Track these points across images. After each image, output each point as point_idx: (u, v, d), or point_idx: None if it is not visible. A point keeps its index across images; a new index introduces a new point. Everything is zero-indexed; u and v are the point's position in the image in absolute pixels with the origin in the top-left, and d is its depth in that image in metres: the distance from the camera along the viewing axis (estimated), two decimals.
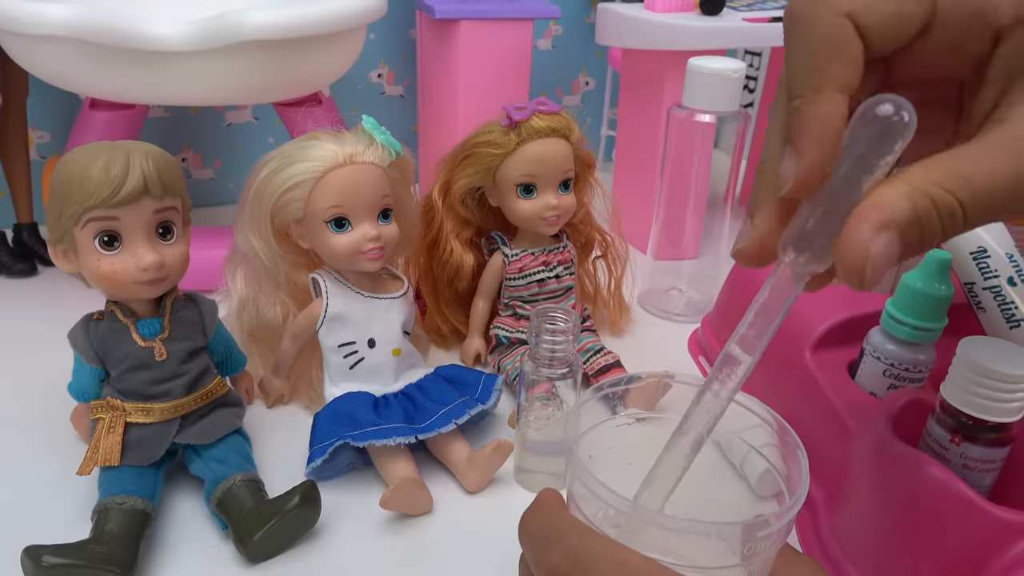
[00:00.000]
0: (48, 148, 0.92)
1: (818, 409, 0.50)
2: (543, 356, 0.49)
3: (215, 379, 0.52)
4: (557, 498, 0.35)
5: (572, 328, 0.49)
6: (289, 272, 0.57)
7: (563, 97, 1.18)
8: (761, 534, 0.31)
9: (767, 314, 0.31)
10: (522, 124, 0.58)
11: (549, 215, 0.60)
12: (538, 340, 0.49)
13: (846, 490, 0.46)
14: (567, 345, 0.49)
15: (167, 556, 0.46)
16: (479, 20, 0.85)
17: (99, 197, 0.44)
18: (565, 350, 0.49)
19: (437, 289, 0.68)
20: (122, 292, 0.47)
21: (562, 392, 0.50)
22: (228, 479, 0.47)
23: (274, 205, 0.53)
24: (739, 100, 0.68)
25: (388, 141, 0.54)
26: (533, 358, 0.50)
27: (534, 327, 0.49)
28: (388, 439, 0.49)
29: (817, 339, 0.52)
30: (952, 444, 0.40)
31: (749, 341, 0.31)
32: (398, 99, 1.08)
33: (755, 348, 0.31)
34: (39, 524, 0.48)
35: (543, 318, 0.49)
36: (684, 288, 0.79)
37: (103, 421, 0.48)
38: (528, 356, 0.50)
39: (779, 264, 0.30)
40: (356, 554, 0.47)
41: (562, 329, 0.49)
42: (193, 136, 0.99)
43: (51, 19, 0.61)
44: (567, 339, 0.49)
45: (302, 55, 0.69)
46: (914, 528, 0.40)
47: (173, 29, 0.63)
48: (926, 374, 0.48)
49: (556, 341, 0.49)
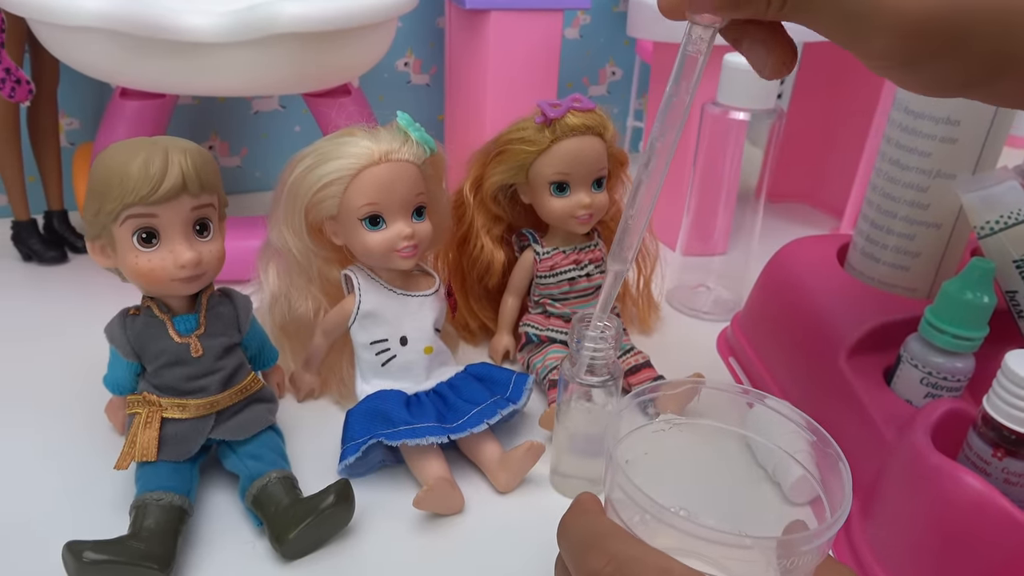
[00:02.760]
0: (78, 135, 0.93)
1: (853, 416, 0.50)
2: (584, 362, 0.49)
3: (249, 375, 0.52)
4: (596, 502, 0.35)
5: (614, 335, 0.48)
6: (322, 267, 0.57)
7: (589, 87, 1.18)
8: (804, 548, 0.31)
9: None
10: (557, 121, 0.58)
11: (582, 213, 0.60)
12: (579, 346, 0.48)
13: (880, 498, 0.46)
14: (608, 352, 0.48)
15: (202, 551, 0.47)
16: (509, 10, 0.85)
17: (138, 194, 0.44)
18: (606, 357, 0.48)
19: (466, 285, 0.68)
20: (159, 288, 0.48)
21: (598, 399, 0.50)
22: (263, 476, 0.48)
23: (309, 201, 0.53)
24: (774, 97, 0.68)
25: (423, 138, 0.54)
26: (573, 363, 0.49)
27: (576, 333, 0.48)
28: (421, 439, 0.49)
29: (852, 345, 0.52)
30: (994, 458, 0.39)
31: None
32: (424, 88, 1.07)
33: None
34: (76, 517, 0.49)
35: (585, 324, 0.48)
36: (712, 285, 0.79)
37: (139, 416, 0.48)
38: (568, 360, 0.50)
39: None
40: (388, 552, 0.47)
41: (604, 336, 0.48)
42: (220, 124, 0.99)
43: (86, 10, 0.61)
44: (609, 346, 0.48)
45: (335, 47, 0.69)
46: (951, 541, 0.40)
47: (207, 20, 0.62)
48: (964, 383, 0.47)
49: (598, 348, 0.48)
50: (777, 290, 0.61)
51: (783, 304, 0.58)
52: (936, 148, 0.49)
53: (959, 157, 0.49)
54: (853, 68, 0.89)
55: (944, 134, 0.49)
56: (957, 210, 0.50)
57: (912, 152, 0.50)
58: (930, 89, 0.32)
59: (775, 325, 0.59)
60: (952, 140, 0.48)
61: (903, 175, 0.51)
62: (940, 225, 0.51)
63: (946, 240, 0.52)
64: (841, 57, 0.93)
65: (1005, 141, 0.49)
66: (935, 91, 0.32)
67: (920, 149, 0.50)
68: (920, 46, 0.30)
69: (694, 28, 0.36)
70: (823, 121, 0.97)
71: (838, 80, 0.93)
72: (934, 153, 0.49)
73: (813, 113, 0.98)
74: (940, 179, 0.50)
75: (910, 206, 0.51)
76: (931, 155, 0.49)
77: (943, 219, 0.51)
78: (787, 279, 0.58)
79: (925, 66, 0.31)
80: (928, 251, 0.52)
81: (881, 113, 0.85)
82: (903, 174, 0.51)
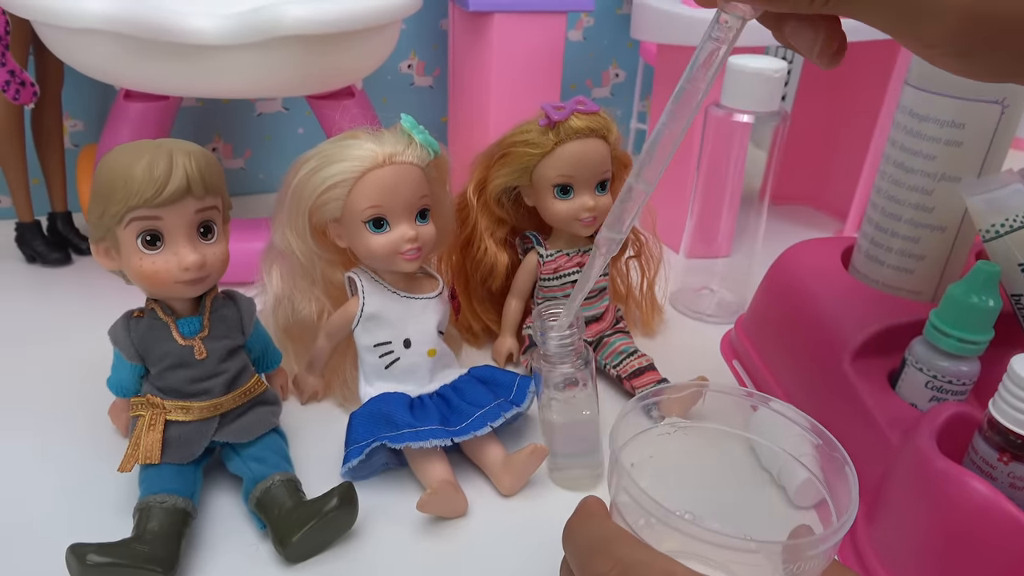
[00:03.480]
0: (82, 137, 0.93)
1: (857, 419, 0.49)
2: (553, 353, 0.49)
3: (253, 377, 0.52)
4: (601, 506, 0.35)
5: (575, 321, 0.48)
6: (325, 270, 0.57)
7: (593, 89, 1.18)
8: (810, 553, 0.31)
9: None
10: (560, 124, 0.58)
11: (585, 216, 0.60)
12: (545, 339, 0.48)
13: (885, 502, 0.46)
14: (574, 338, 0.48)
15: (206, 554, 0.47)
16: (513, 12, 0.85)
17: (143, 197, 0.44)
18: (573, 342, 0.49)
19: (470, 287, 0.68)
20: (164, 291, 0.48)
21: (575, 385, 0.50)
22: (267, 479, 0.48)
23: (312, 204, 0.53)
24: (779, 100, 0.68)
25: (427, 141, 0.54)
26: (545, 358, 0.50)
27: (538, 327, 0.48)
28: (425, 441, 0.49)
29: (857, 348, 0.52)
30: (1000, 463, 0.39)
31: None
32: (427, 90, 1.07)
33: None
34: (80, 519, 0.49)
35: (545, 316, 0.49)
36: (715, 288, 0.79)
37: (143, 418, 0.48)
38: (540, 358, 0.50)
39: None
40: (392, 555, 0.47)
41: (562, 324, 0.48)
42: (223, 126, 0.99)
43: (91, 13, 0.62)
44: (573, 332, 0.48)
45: (339, 49, 0.69)
46: (957, 545, 0.40)
47: (212, 23, 0.62)
48: (969, 387, 0.47)
49: (563, 336, 0.48)
50: (781, 293, 0.60)
51: (787, 307, 0.58)
52: (941, 151, 0.49)
53: (964, 160, 0.49)
54: (857, 70, 0.89)
55: (949, 137, 0.48)
56: (962, 213, 0.50)
57: (917, 155, 0.50)
58: (985, 75, 0.32)
59: (779, 328, 0.59)
60: (957, 143, 0.48)
61: (908, 178, 0.51)
62: (945, 228, 0.51)
63: (951, 243, 0.52)
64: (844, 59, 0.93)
65: (1010, 144, 0.49)
66: (990, 77, 0.32)
67: (925, 152, 0.50)
68: (975, 32, 0.29)
69: (724, 15, 0.34)
70: (827, 123, 0.97)
71: (842, 82, 0.93)
72: (939, 156, 0.49)
73: (817, 115, 0.98)
74: (945, 182, 0.50)
75: (915, 209, 0.51)
76: (936, 158, 0.49)
77: (948, 222, 0.51)
78: (791, 282, 0.58)
79: (980, 53, 0.30)
80: (933, 254, 0.52)
81: (885, 115, 0.85)
82: (908, 177, 0.51)
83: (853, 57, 0.33)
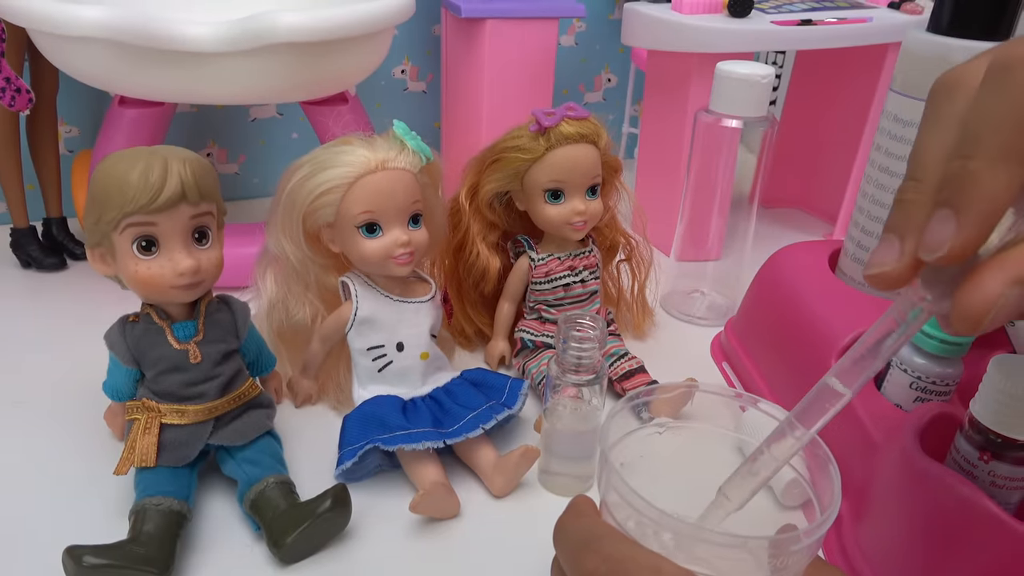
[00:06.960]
0: (77, 143, 0.93)
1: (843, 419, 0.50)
2: (570, 362, 0.50)
3: (248, 381, 0.52)
4: (591, 504, 0.36)
5: (599, 335, 0.49)
6: (319, 274, 0.58)
7: (585, 94, 1.18)
8: (793, 548, 0.31)
9: (876, 349, 0.31)
10: (551, 130, 0.59)
11: (576, 220, 0.61)
12: (565, 347, 0.49)
13: (870, 502, 0.47)
14: (594, 352, 0.49)
15: (201, 556, 0.47)
16: (505, 18, 0.86)
17: (138, 203, 0.45)
18: (592, 357, 0.49)
19: (462, 291, 0.68)
20: (159, 296, 0.48)
21: (585, 397, 0.51)
22: (261, 481, 0.48)
23: (306, 209, 0.54)
24: (767, 105, 0.68)
25: (419, 147, 0.55)
26: (559, 363, 0.50)
27: (561, 333, 0.49)
28: (417, 443, 0.50)
29: (843, 349, 0.52)
30: (981, 461, 0.40)
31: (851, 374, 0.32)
32: (420, 95, 1.08)
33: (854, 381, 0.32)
34: (76, 521, 0.49)
35: (570, 324, 0.49)
36: (706, 291, 0.80)
37: (139, 422, 0.49)
38: (554, 361, 0.51)
39: (902, 299, 0.29)
40: (385, 556, 0.48)
41: (589, 336, 0.49)
42: (218, 131, 1.00)
43: (85, 20, 0.62)
44: (594, 346, 0.49)
45: (333, 56, 0.70)
46: (940, 544, 0.40)
47: (206, 31, 0.63)
48: (953, 387, 0.48)
49: (583, 348, 0.49)
50: (770, 295, 0.61)
51: (775, 309, 0.59)
52: None
53: None
54: (846, 76, 0.90)
55: None
56: None
57: (901, 159, 0.51)
58: None
59: (767, 330, 0.59)
60: None
61: (892, 182, 0.52)
62: None
63: None
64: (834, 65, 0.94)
65: None
66: None
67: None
68: None
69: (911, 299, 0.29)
70: (816, 127, 0.98)
71: (831, 87, 0.94)
72: None
73: (806, 120, 0.99)
74: None
75: None
76: None
77: None
78: (779, 285, 0.59)
79: None
80: None
81: (873, 120, 0.86)
82: (892, 181, 0.52)
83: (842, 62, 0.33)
